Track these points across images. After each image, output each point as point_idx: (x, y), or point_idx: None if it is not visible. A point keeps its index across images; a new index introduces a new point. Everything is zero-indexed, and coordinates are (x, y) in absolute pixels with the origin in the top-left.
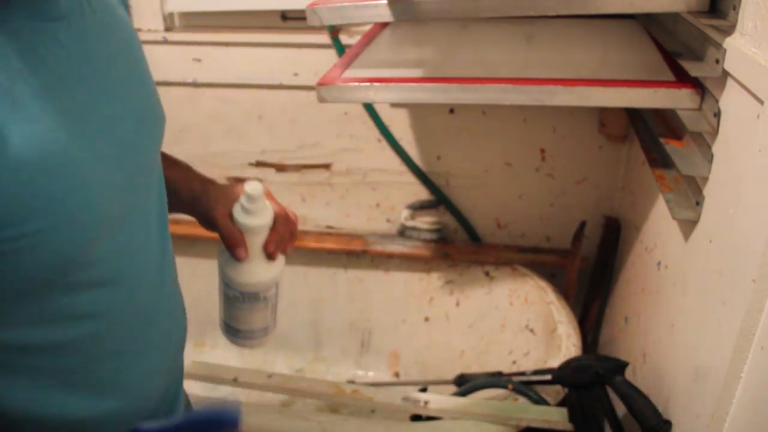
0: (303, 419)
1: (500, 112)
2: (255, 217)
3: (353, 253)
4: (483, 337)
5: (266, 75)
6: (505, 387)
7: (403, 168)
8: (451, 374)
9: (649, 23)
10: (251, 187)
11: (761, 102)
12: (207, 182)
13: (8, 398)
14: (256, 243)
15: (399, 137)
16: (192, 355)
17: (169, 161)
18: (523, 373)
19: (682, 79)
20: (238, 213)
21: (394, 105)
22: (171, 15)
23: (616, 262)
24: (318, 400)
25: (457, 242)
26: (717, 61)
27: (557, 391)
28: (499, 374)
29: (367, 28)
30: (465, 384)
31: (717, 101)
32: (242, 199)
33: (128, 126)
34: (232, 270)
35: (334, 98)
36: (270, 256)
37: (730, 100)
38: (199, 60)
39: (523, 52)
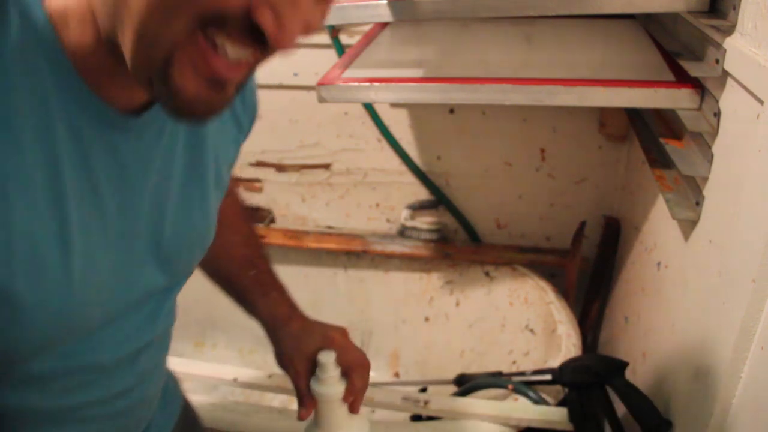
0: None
1: (500, 112)
2: (326, 386)
3: (353, 253)
4: (483, 337)
5: (266, 75)
6: (505, 387)
7: (403, 168)
8: (451, 374)
9: (649, 23)
10: (324, 358)
11: (761, 102)
12: (285, 314)
13: None
14: (329, 409)
15: (399, 137)
16: (192, 355)
17: (240, 263)
18: (523, 373)
19: (682, 79)
20: (312, 381)
21: (394, 105)
22: None
23: (616, 262)
24: None
25: (457, 242)
26: (717, 61)
27: (557, 391)
28: (499, 374)
29: (367, 28)
30: (465, 384)
31: (717, 101)
32: (317, 368)
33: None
34: None
35: (334, 98)
36: (352, 409)
37: (730, 100)
38: None
39: (523, 52)
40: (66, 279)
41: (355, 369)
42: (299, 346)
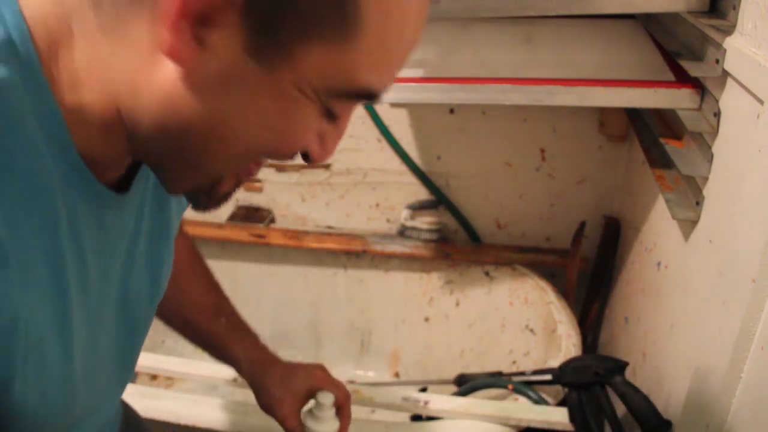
0: None
1: (500, 112)
2: (325, 423)
3: (353, 253)
4: (483, 337)
5: None
6: (505, 387)
7: (403, 168)
8: (451, 374)
9: (649, 23)
10: (324, 398)
11: (761, 102)
12: (264, 358)
13: None
14: None
15: (399, 137)
16: (192, 355)
17: (208, 311)
18: (523, 373)
19: (682, 79)
20: (309, 421)
21: (394, 105)
22: None
23: (616, 262)
24: None
25: (457, 242)
26: (717, 61)
27: (557, 391)
28: (499, 374)
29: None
30: (465, 384)
31: (717, 101)
32: (314, 407)
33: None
34: None
35: None
36: None
37: (730, 100)
38: None
39: (523, 52)
40: (66, 367)
41: (344, 403)
42: (288, 388)
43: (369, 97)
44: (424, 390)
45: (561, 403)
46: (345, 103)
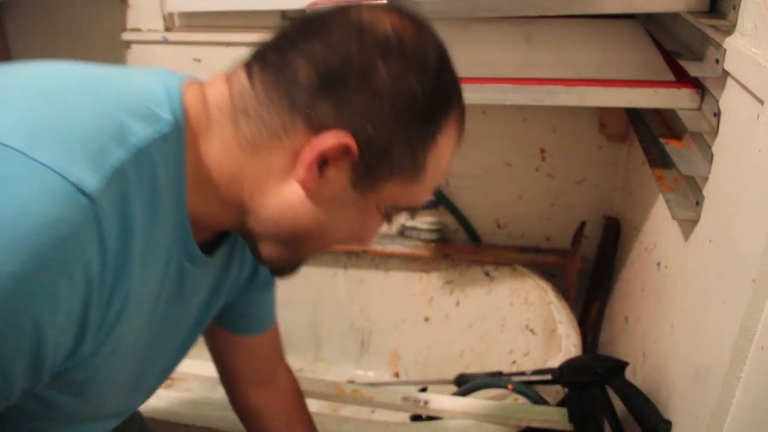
0: None
1: (500, 112)
2: None
3: (353, 253)
4: (483, 337)
5: None
6: (505, 387)
7: None
8: (451, 374)
9: (649, 23)
10: None
11: (761, 102)
12: None
13: None
14: None
15: None
16: (192, 355)
17: None
18: (523, 373)
19: (682, 79)
20: None
21: None
22: (171, 15)
23: (616, 262)
24: (318, 400)
25: (457, 242)
26: (717, 61)
27: (557, 391)
28: (499, 374)
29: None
30: (465, 384)
31: (717, 101)
32: None
33: (166, 349)
34: None
35: None
36: None
37: (730, 100)
38: (199, 60)
39: (523, 52)
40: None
41: None
42: None
43: (415, 209)
44: (424, 390)
45: (561, 403)
46: (400, 213)
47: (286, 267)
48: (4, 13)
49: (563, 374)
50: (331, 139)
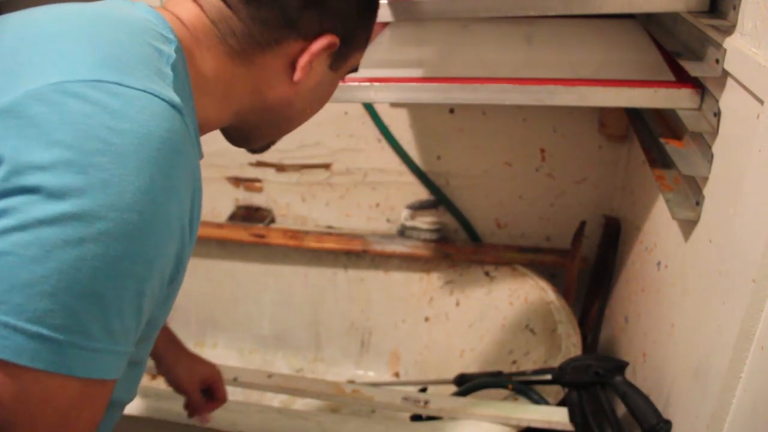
0: (303, 419)
1: (500, 112)
2: None
3: (353, 253)
4: (483, 337)
5: None
6: (505, 387)
7: (403, 168)
8: (451, 374)
9: (649, 23)
10: None
11: (761, 102)
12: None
13: None
14: None
15: (399, 137)
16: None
17: None
18: (523, 373)
19: (682, 79)
20: None
21: (394, 105)
22: None
23: (616, 262)
24: (318, 400)
25: (457, 242)
26: (717, 61)
27: (557, 391)
28: (499, 374)
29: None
30: (465, 384)
31: (717, 101)
32: None
33: None
34: None
35: (334, 98)
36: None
37: (730, 100)
38: None
39: (523, 52)
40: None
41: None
42: (194, 373)
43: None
44: (424, 390)
45: (561, 403)
46: (349, 72)
47: (267, 147)
48: (3, 13)
49: (563, 374)
50: (322, 42)
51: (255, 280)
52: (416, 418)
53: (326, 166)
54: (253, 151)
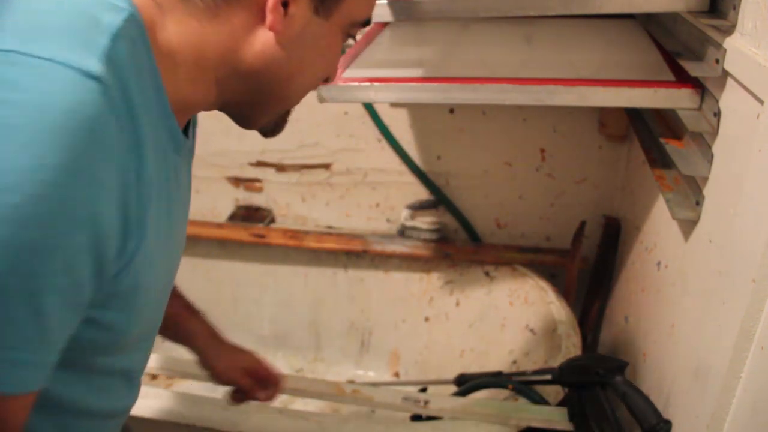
0: (303, 419)
1: (500, 112)
2: None
3: (353, 253)
4: (483, 337)
5: None
6: (505, 387)
7: (403, 168)
8: (451, 374)
9: (649, 23)
10: None
11: (761, 102)
12: (215, 334)
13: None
14: None
15: (399, 137)
16: (192, 355)
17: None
18: (523, 373)
19: (682, 79)
20: None
21: (394, 105)
22: None
23: (616, 262)
24: (318, 400)
25: (457, 242)
26: (717, 61)
27: (557, 391)
28: (499, 374)
29: (366, 28)
30: (465, 384)
31: (717, 101)
32: None
33: (177, 253)
34: None
35: (334, 98)
36: None
37: (730, 100)
38: None
39: (523, 52)
40: (160, 276)
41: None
42: (236, 361)
43: (369, 22)
44: (424, 390)
45: (561, 403)
46: (358, 28)
47: (278, 123)
48: None
49: (563, 374)
50: None
51: (255, 280)
52: (416, 418)
53: (326, 166)
54: (265, 133)
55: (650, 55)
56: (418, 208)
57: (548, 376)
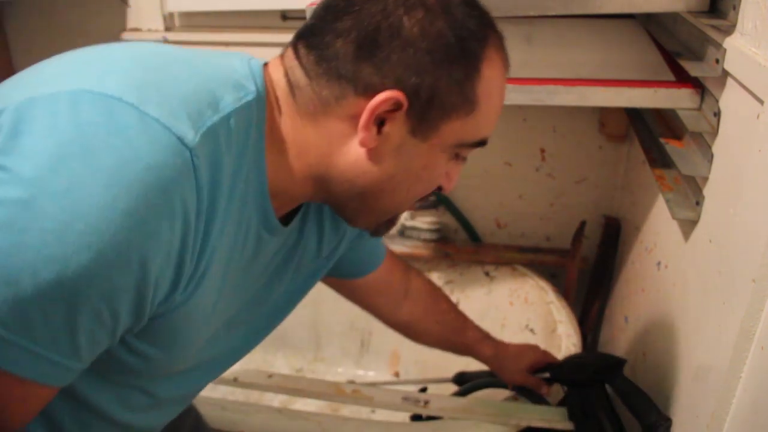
0: (303, 419)
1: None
2: None
3: None
4: None
5: None
6: (505, 387)
7: None
8: (451, 374)
9: (649, 23)
10: None
11: (761, 102)
12: (501, 350)
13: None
14: None
15: None
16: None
17: (454, 326)
18: None
19: (682, 79)
20: None
21: None
22: (171, 15)
23: (616, 262)
24: (318, 400)
25: (457, 242)
26: (717, 61)
27: (557, 391)
28: None
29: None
30: (464, 382)
31: (717, 101)
32: None
33: (245, 331)
34: None
35: None
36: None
37: (730, 100)
38: None
39: (523, 52)
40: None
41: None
42: (520, 364)
43: (484, 142)
44: (424, 390)
45: (561, 403)
46: (469, 150)
47: (381, 227)
48: (4, 13)
49: (562, 372)
50: (380, 98)
51: None
52: (416, 418)
53: None
54: (371, 233)
55: (650, 55)
56: (418, 208)
57: (547, 374)
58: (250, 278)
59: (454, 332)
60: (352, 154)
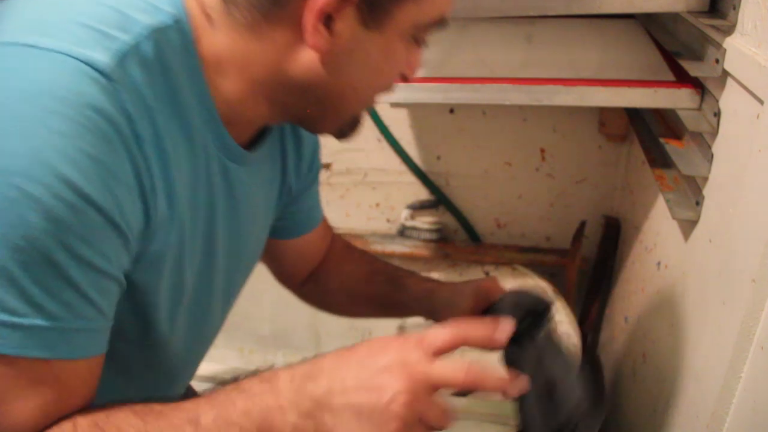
0: None
1: (500, 112)
2: None
3: None
4: None
5: None
6: None
7: (403, 168)
8: None
9: (649, 23)
10: None
11: (761, 102)
12: (430, 288)
13: None
14: None
15: (399, 137)
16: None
17: (364, 279)
18: None
19: (682, 79)
20: None
21: (394, 105)
22: None
23: (616, 262)
24: None
25: (457, 242)
26: (717, 61)
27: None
28: None
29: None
30: None
31: (717, 101)
32: None
33: (232, 261)
34: None
35: None
36: None
37: (730, 100)
38: None
39: (523, 52)
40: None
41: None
42: (457, 301)
43: (443, 22)
44: None
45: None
46: (428, 31)
47: (346, 130)
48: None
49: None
50: None
51: (255, 280)
52: None
53: (326, 166)
54: (336, 136)
55: (650, 55)
56: (418, 208)
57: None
58: (238, 221)
59: (390, 293)
60: (304, 60)
